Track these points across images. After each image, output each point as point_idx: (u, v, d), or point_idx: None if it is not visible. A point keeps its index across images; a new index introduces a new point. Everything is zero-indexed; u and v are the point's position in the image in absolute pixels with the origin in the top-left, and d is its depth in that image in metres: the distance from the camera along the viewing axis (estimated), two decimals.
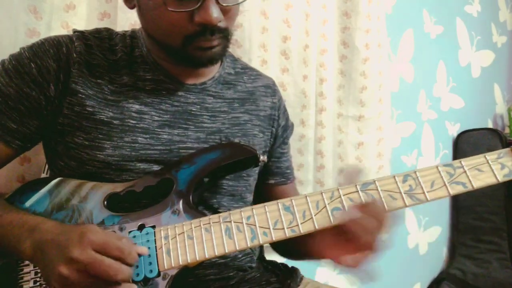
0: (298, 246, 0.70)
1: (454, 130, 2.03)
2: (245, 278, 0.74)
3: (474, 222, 1.93)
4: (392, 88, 1.67)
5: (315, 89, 1.29)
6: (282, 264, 0.83)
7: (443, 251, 2.01)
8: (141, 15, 0.67)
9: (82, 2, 0.89)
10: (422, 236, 1.87)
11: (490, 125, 2.24)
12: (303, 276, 0.84)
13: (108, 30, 0.74)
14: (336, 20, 1.37)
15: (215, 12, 0.60)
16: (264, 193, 0.86)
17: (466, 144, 1.99)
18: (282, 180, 0.87)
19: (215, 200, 0.72)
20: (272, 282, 0.76)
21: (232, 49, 1.13)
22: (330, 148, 1.36)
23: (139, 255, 0.55)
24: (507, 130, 2.19)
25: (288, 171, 0.89)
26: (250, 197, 0.79)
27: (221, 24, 0.63)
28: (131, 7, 0.69)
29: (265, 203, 0.59)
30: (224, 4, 0.62)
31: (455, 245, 1.99)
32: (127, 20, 0.91)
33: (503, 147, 0.58)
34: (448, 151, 2.00)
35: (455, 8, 2.02)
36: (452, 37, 2.00)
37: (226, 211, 0.72)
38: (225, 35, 0.66)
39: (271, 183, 0.86)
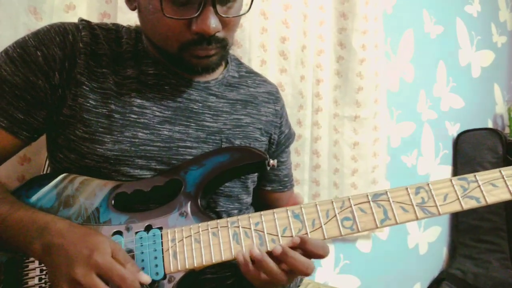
0: None
1: (454, 130, 2.03)
2: (244, 277, 0.73)
3: (474, 222, 1.93)
4: (392, 88, 1.67)
5: (311, 90, 1.29)
6: None
7: (443, 251, 2.01)
8: (141, 17, 0.67)
9: (82, 2, 0.90)
10: (422, 236, 1.87)
11: (490, 125, 2.23)
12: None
13: (114, 23, 0.74)
14: (333, 21, 1.38)
15: (213, 23, 0.59)
16: (260, 197, 0.86)
17: (466, 144, 1.98)
18: (279, 188, 0.87)
19: (211, 200, 0.72)
20: None
21: (232, 49, 1.13)
22: (326, 148, 1.37)
23: (144, 263, 0.56)
24: (507, 130, 2.18)
25: (286, 179, 0.89)
26: (247, 199, 0.79)
27: (219, 34, 0.63)
28: (132, 9, 0.69)
29: (275, 210, 0.58)
30: (223, 16, 0.61)
31: (455, 245, 1.99)
32: (128, 21, 0.91)
33: (503, 147, 0.57)
34: (448, 151, 2.00)
35: (455, 8, 2.02)
36: (452, 37, 2.00)
37: (222, 211, 0.72)
38: (223, 45, 0.65)
39: (267, 190, 0.86)
